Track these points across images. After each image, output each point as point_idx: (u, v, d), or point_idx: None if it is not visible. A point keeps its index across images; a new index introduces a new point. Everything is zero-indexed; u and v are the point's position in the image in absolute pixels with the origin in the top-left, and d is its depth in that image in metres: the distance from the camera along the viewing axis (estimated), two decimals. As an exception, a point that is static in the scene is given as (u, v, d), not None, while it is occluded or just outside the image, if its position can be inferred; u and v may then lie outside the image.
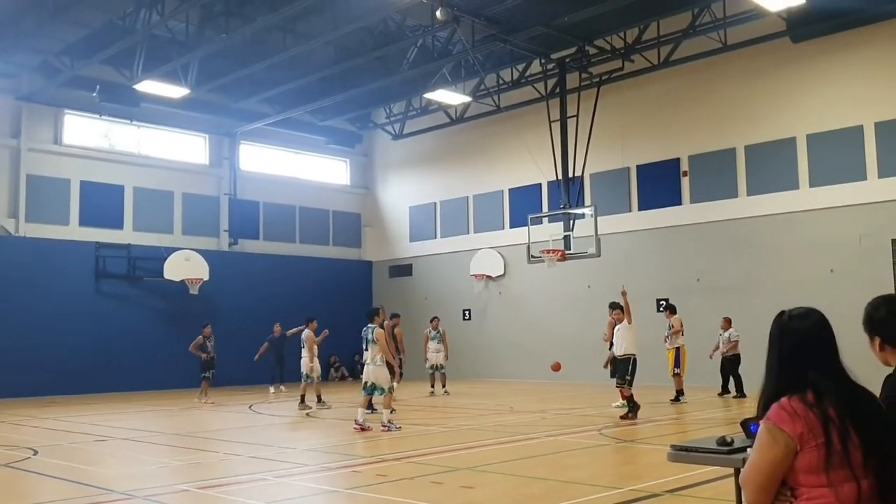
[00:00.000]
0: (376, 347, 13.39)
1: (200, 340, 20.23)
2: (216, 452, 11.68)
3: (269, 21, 19.52)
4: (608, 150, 23.67)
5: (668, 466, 6.57)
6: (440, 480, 8.80)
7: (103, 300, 24.29)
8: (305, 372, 17.77)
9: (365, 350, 13.56)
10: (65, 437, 13.61)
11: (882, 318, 3.16)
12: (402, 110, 29.15)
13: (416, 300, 28.98)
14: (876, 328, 3.16)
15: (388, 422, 13.29)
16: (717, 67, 22.06)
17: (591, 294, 23.89)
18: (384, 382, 13.42)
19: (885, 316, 3.16)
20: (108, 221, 24.90)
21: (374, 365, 13.40)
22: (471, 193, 28.28)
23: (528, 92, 25.26)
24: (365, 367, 13.65)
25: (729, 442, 4.34)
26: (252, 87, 24.77)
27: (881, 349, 3.14)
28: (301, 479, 9.36)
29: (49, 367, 22.09)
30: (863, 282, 18.54)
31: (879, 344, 3.14)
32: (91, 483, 8.97)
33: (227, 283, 26.09)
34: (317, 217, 30.28)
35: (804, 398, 2.72)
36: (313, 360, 17.76)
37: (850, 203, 19.80)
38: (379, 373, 13.38)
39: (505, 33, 20.26)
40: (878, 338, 3.14)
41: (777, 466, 2.70)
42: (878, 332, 3.14)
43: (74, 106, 24.40)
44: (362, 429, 13.04)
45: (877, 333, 3.15)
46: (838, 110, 20.20)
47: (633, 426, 13.78)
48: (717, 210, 22.11)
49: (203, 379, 20.22)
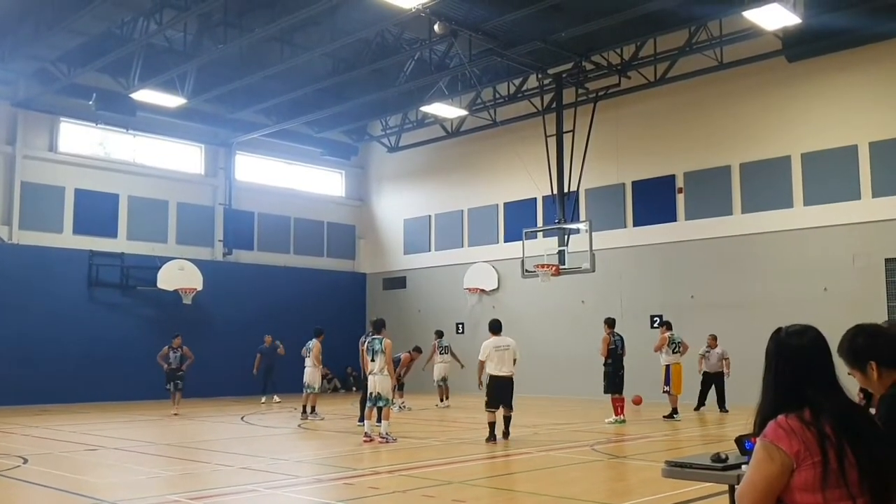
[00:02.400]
0: (384, 358, 13.47)
1: (165, 351, 19.92)
2: (207, 463, 11.64)
3: (266, 32, 19.54)
4: (604, 165, 23.73)
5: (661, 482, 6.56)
6: (432, 494, 8.77)
7: (96, 309, 24.19)
8: (308, 382, 17.97)
9: (371, 361, 13.56)
10: (55, 445, 13.54)
11: (865, 344, 3.17)
12: (399, 123, 29.20)
13: (410, 313, 28.95)
14: (864, 355, 3.16)
15: (386, 433, 13.30)
16: (713, 85, 22.15)
17: (585, 309, 23.89)
18: (389, 393, 13.53)
19: (867, 342, 3.17)
20: (103, 230, 24.83)
21: (381, 375, 13.45)
22: (466, 207, 28.30)
23: (525, 106, 25.33)
24: (370, 377, 13.61)
25: (724, 458, 4.35)
26: (249, 98, 24.79)
27: (879, 376, 3.14)
28: (293, 490, 9.32)
29: (41, 375, 21.99)
30: (856, 301, 18.61)
31: (876, 369, 3.14)
32: (81, 492, 8.92)
33: (220, 293, 26.01)
34: (311, 228, 30.27)
35: (801, 416, 2.72)
36: (317, 370, 18.12)
37: (843, 222, 19.86)
38: (385, 383, 13.45)
39: (502, 48, 20.33)
40: (873, 362, 3.14)
41: (773, 484, 2.70)
42: (869, 357, 3.14)
43: (70, 114, 24.38)
44: (371, 440, 13.17)
45: (868, 360, 3.15)
46: (833, 130, 20.29)
47: (626, 443, 13.76)
48: (711, 227, 22.16)
49: (166, 390, 19.86)
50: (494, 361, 13.62)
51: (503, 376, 13.61)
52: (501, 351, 13.67)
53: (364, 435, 13.39)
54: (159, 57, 21.53)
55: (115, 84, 22.99)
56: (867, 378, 3.19)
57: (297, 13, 18.19)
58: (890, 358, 3.17)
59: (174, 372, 19.86)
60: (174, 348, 19.95)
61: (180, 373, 19.89)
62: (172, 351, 19.91)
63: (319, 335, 18.30)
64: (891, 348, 3.20)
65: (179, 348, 20.00)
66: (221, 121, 26.51)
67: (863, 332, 3.23)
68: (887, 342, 3.21)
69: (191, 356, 20.08)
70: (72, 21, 19.31)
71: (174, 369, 19.86)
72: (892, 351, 3.19)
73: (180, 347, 20.02)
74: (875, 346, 3.18)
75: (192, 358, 20.11)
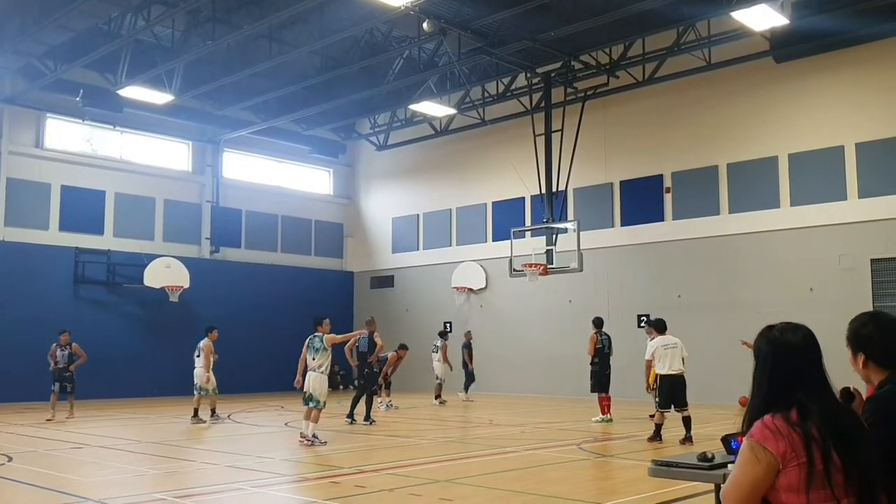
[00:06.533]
0: (325, 356, 13.10)
1: (53, 348, 17.89)
2: (193, 461, 11.59)
3: (255, 29, 19.48)
4: (592, 165, 23.78)
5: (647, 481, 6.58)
6: (419, 493, 8.76)
7: (82, 306, 24.05)
8: (199, 384, 16.83)
9: (312, 359, 13.12)
10: (40, 443, 13.45)
11: (868, 335, 3.18)
12: (387, 121, 29.16)
13: (398, 312, 28.94)
14: (861, 345, 3.18)
15: (313, 435, 12.84)
16: (701, 85, 22.22)
17: (573, 309, 23.92)
18: (323, 395, 13.03)
19: (872, 333, 3.18)
20: (89, 227, 24.70)
21: (317, 373, 13.04)
22: (454, 206, 28.30)
23: (513, 105, 25.34)
24: (308, 374, 13.13)
25: (710, 458, 4.35)
26: (236, 95, 24.71)
27: (864, 366, 3.17)
28: (279, 489, 9.30)
29: (26, 372, 21.84)
30: (842, 301, 18.69)
31: (863, 361, 3.16)
32: (65, 491, 8.87)
33: (207, 290, 25.91)
34: (299, 226, 30.21)
35: (788, 417, 2.72)
36: (209, 371, 16.88)
37: (830, 223, 19.95)
38: (319, 383, 13.01)
39: (491, 46, 20.33)
40: (863, 354, 3.16)
41: (758, 484, 2.70)
42: (863, 348, 3.17)
43: (57, 110, 24.24)
44: (311, 443, 12.74)
45: (861, 350, 3.17)
46: (820, 130, 20.39)
47: (612, 441, 13.78)
48: (699, 227, 22.22)
49: (52, 392, 17.76)
50: (664, 360, 13.16)
51: (675, 374, 13.13)
52: (670, 349, 13.22)
53: (300, 435, 13.13)
54: (147, 53, 21.44)
55: (102, 80, 22.87)
56: (856, 364, 3.21)
57: (285, 10, 18.15)
58: (882, 356, 3.18)
59: (61, 372, 17.72)
60: (62, 346, 17.85)
61: (68, 373, 17.78)
62: (60, 348, 17.83)
63: (211, 332, 17.28)
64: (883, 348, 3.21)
65: (68, 345, 17.91)
66: (209, 118, 26.42)
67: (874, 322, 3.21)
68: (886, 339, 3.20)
69: (82, 355, 18.08)
70: (59, 17, 19.17)
71: (61, 369, 17.75)
72: (885, 351, 3.19)
73: (69, 345, 17.92)
74: (872, 340, 3.18)
75: (84, 357, 18.12)
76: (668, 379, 13.14)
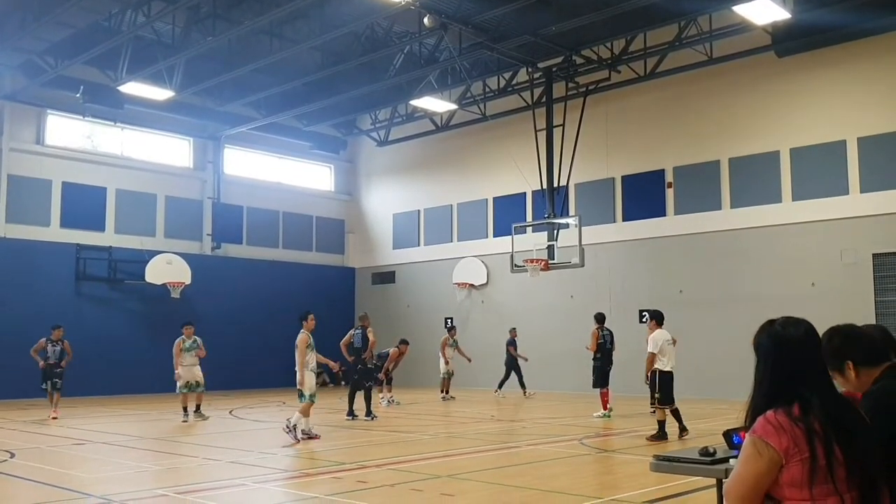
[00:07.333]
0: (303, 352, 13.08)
1: (42, 343, 17.41)
2: (195, 457, 11.60)
3: (255, 25, 19.45)
4: (593, 160, 23.75)
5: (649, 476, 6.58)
6: (420, 488, 8.76)
7: (83, 303, 24.07)
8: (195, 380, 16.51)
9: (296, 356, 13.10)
10: (43, 440, 13.46)
11: (839, 344, 3.22)
12: (388, 117, 29.12)
13: (399, 307, 28.94)
14: (840, 354, 3.21)
15: (293, 426, 12.87)
16: (703, 80, 22.18)
17: (574, 304, 23.92)
18: (307, 389, 13.02)
19: (842, 341, 3.21)
20: (90, 223, 24.70)
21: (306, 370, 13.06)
22: (455, 201, 28.28)
23: (515, 101, 25.30)
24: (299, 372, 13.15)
25: (711, 452, 4.35)
26: (237, 91, 24.68)
27: (857, 375, 3.18)
28: (281, 484, 9.31)
29: (27, 369, 21.81)
30: (844, 296, 18.70)
31: (853, 368, 3.17)
32: (68, 487, 8.88)
33: (209, 287, 25.92)
34: (300, 222, 30.20)
35: (790, 412, 2.71)
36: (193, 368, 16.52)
37: (832, 217, 19.93)
38: (308, 377, 13.03)
39: (492, 41, 20.29)
40: (849, 362, 3.17)
41: (761, 479, 2.69)
42: (845, 357, 3.19)
43: (57, 106, 24.21)
44: (309, 437, 12.79)
45: (845, 359, 3.19)
46: (822, 125, 20.35)
47: (614, 437, 13.78)
48: (700, 222, 22.20)
49: (42, 390, 17.42)
50: (667, 356, 12.99)
51: (672, 370, 13.09)
52: (669, 344, 13.16)
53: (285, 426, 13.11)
54: (147, 49, 21.39)
55: (103, 76, 22.83)
56: (846, 379, 3.22)
57: (285, 6, 18.12)
58: (866, 357, 3.20)
59: (52, 369, 17.25)
60: (53, 341, 17.42)
61: (59, 370, 17.33)
62: (51, 344, 17.40)
63: (186, 327, 16.75)
64: (866, 347, 3.22)
65: (60, 342, 17.48)
66: (210, 114, 26.39)
67: (838, 333, 3.27)
68: (862, 342, 3.23)
69: (70, 353, 17.68)
70: (59, 13, 19.16)
71: (52, 365, 17.28)
72: (867, 350, 3.21)
73: (61, 341, 17.50)
74: (850, 346, 3.21)
75: (71, 355, 17.70)
76: (669, 375, 13.13)
